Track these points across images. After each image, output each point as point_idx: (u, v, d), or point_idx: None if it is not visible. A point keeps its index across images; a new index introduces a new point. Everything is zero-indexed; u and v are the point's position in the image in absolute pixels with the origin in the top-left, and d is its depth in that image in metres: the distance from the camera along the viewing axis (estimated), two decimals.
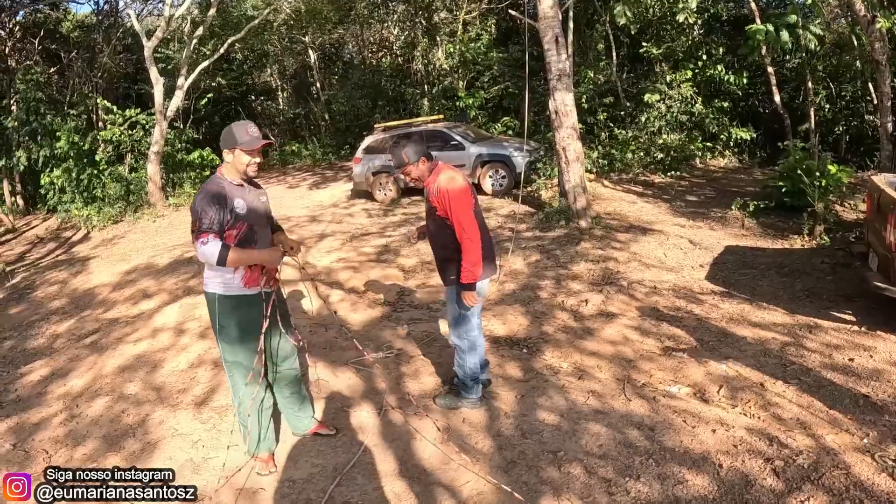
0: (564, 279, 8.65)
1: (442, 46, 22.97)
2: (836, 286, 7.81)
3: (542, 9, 10.98)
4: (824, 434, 4.63)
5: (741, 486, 4.07)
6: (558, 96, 11.22)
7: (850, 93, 17.35)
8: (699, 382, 5.55)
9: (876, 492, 3.96)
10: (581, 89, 18.45)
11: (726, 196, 13.06)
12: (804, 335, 6.42)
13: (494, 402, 5.29)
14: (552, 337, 6.75)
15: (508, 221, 11.93)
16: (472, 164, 14.54)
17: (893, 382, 5.40)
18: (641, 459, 4.40)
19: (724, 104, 18.02)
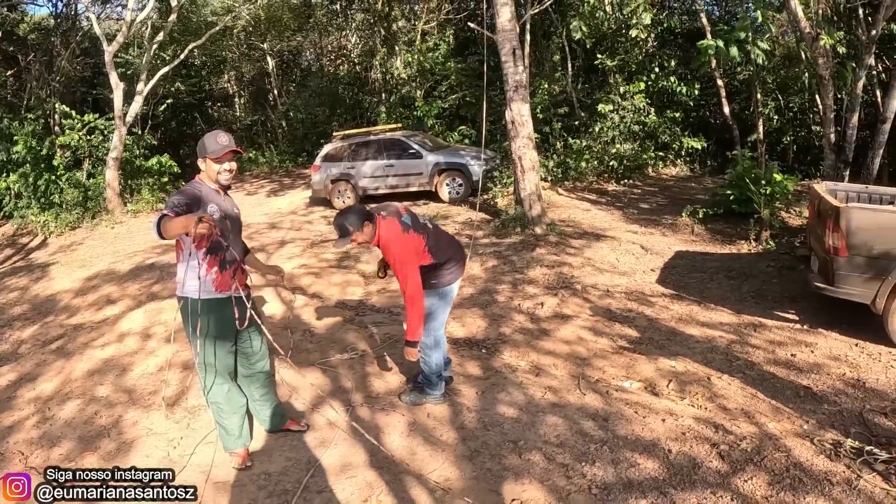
0: (521, 283, 9.04)
1: (400, 55, 23.28)
2: (780, 288, 8.38)
3: (500, 22, 11.40)
4: (767, 422, 5.07)
5: (689, 468, 4.46)
6: (514, 107, 11.64)
7: (798, 104, 18.14)
8: (650, 377, 5.98)
9: (814, 471, 4.39)
10: (537, 100, 18.98)
11: (677, 203, 13.66)
12: (749, 333, 6.94)
13: (457, 398, 5.60)
14: (510, 338, 7.12)
15: (466, 228, 12.29)
16: (429, 172, 14.91)
17: (832, 375, 5.92)
18: (596, 446, 4.77)
19: (676, 114, 18.74)
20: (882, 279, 6.46)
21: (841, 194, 8.12)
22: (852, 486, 4.23)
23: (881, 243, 6.43)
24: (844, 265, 6.59)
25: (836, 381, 5.83)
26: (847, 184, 10.17)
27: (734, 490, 4.21)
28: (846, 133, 12.05)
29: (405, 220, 5.04)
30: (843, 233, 6.51)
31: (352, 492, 4.40)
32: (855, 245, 6.50)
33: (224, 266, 4.41)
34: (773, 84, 18.18)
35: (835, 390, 5.64)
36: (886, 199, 8.12)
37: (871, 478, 4.31)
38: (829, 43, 11.59)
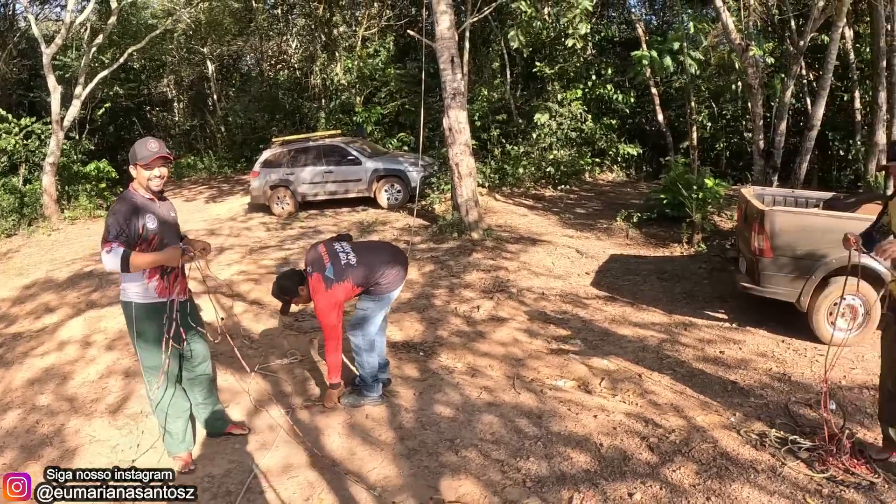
0: (457, 287, 9.19)
1: (340, 61, 23.29)
2: (711, 288, 8.72)
3: (439, 30, 11.56)
4: (695, 415, 5.31)
5: (620, 460, 4.64)
6: (452, 114, 11.80)
7: (731, 112, 18.78)
8: (583, 376, 6.18)
9: (740, 460, 4.62)
10: (475, 106, 19.29)
11: (613, 208, 14.00)
12: (680, 332, 7.23)
13: (395, 400, 5.69)
14: (447, 340, 7.26)
15: (404, 234, 12.40)
16: (368, 178, 15.02)
17: (759, 370, 6.23)
18: (531, 443, 4.91)
19: (612, 121, 19.28)
20: (806, 278, 6.80)
21: (768, 198, 8.49)
22: (777, 473, 4.45)
23: (804, 244, 6.79)
24: (769, 266, 6.93)
25: (763, 375, 6.12)
26: (774, 188, 10.63)
27: (663, 479, 4.40)
28: (775, 139, 12.57)
29: (328, 274, 5.20)
30: (767, 235, 6.85)
31: (294, 491, 4.45)
32: (779, 246, 6.85)
33: (165, 272, 4.44)
34: (707, 92, 18.77)
35: (761, 384, 5.93)
36: (812, 203, 8.51)
37: (795, 465, 4.55)
38: (757, 54, 12.06)
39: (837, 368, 6.33)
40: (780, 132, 12.56)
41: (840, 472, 4.45)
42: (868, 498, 4.20)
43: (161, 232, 4.41)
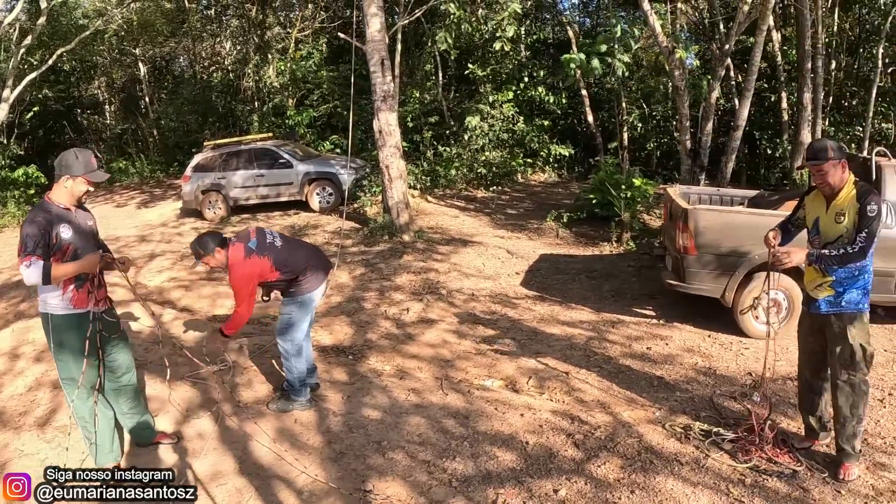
0: (388, 290, 9.17)
1: (273, 64, 23.06)
2: (639, 286, 8.90)
3: (370, 32, 11.55)
4: (621, 411, 5.40)
5: (545, 457, 4.69)
6: (382, 116, 11.80)
7: (661, 113, 19.21)
8: (511, 375, 6.23)
9: (665, 454, 4.72)
10: (408, 108, 19.31)
11: (544, 208, 14.17)
12: (608, 330, 7.35)
13: (323, 404, 5.65)
14: (376, 343, 7.25)
15: (335, 237, 12.32)
16: (299, 181, 14.91)
17: (685, 365, 6.38)
18: (457, 443, 4.93)
19: (544, 122, 19.56)
20: (730, 274, 7.00)
21: (694, 197, 8.69)
22: (700, 465, 4.56)
23: (728, 241, 7.00)
24: (694, 263, 7.11)
25: (689, 370, 6.28)
26: (700, 187, 10.88)
27: (588, 475, 4.46)
28: (701, 139, 12.89)
29: (251, 244, 5.21)
30: (691, 233, 7.04)
31: (223, 498, 4.39)
32: (703, 244, 7.04)
33: (81, 282, 4.34)
34: (638, 93, 19.14)
35: (687, 378, 6.07)
36: (737, 201, 8.74)
37: (719, 456, 4.67)
38: (683, 56, 12.35)
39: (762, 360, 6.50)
40: (707, 132, 12.90)
41: (763, 462, 4.59)
42: (790, 485, 4.34)
43: (76, 241, 4.30)
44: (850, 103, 18.53)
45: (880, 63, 15.83)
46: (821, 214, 4.43)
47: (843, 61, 18.83)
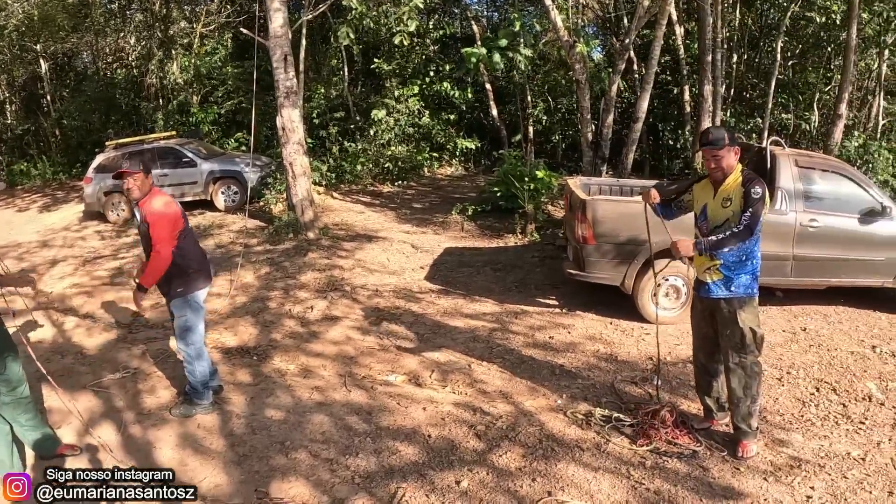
0: (292, 289, 9.05)
1: (177, 60, 22.44)
2: (543, 276, 9.05)
3: (272, 28, 11.35)
4: (523, 401, 5.47)
5: (447, 450, 4.71)
6: (285, 113, 11.65)
7: (566, 106, 19.52)
8: (414, 370, 6.23)
9: (566, 441, 4.81)
10: (314, 104, 19.12)
11: (450, 202, 14.24)
12: (511, 321, 7.44)
13: (227, 406, 5.55)
14: (280, 343, 7.14)
15: (240, 237, 12.08)
16: (203, 180, 14.54)
17: (587, 352, 6.52)
18: (360, 439, 4.91)
19: (450, 116, 19.69)
20: (629, 262, 7.17)
21: (594, 188, 8.85)
22: (601, 450, 4.67)
23: (625, 230, 7.17)
24: (593, 252, 7.26)
25: (591, 357, 6.41)
26: (602, 177, 11.10)
27: (490, 465, 4.50)
28: (602, 131, 13.15)
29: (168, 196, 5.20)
30: (589, 223, 7.17)
31: None
32: (601, 233, 7.19)
33: None
34: (543, 87, 19.40)
35: (589, 366, 6.20)
36: (637, 191, 8.94)
37: (619, 441, 4.79)
38: (583, 51, 12.57)
39: (663, 345, 6.71)
40: (608, 124, 13.17)
41: (663, 444, 4.71)
42: (690, 465, 4.48)
43: None
44: (751, 95, 19.23)
45: (779, 56, 16.48)
46: (708, 201, 4.61)
47: (744, 55, 19.53)
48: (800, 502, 4.13)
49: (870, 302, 8.12)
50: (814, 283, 7.66)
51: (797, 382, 5.87)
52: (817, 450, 4.74)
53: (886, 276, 7.70)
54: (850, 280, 7.67)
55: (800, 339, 6.95)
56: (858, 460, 4.61)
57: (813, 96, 17.53)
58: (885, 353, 6.67)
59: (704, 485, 4.28)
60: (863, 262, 7.52)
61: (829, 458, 4.63)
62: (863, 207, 7.48)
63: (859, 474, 4.44)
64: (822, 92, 17.87)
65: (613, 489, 4.24)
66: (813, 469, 4.48)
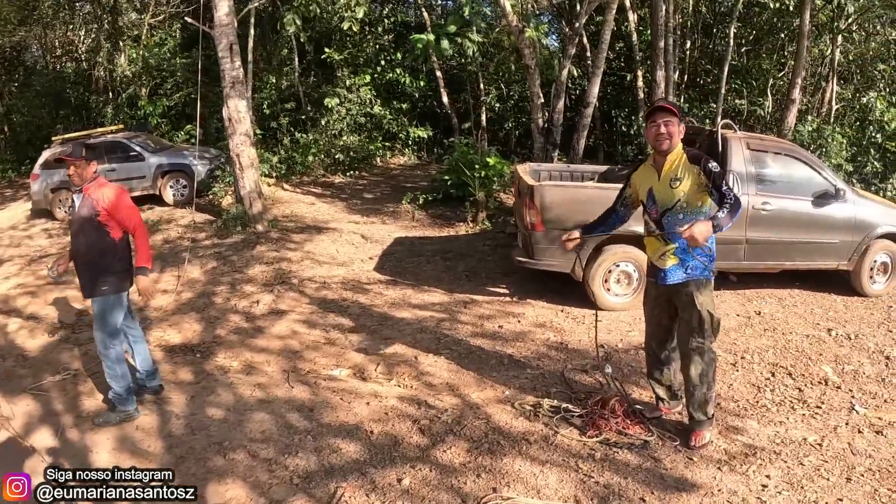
0: (239, 283, 8.84)
1: (125, 51, 21.93)
2: (494, 265, 8.93)
3: (218, 16, 11.06)
4: (470, 393, 5.32)
5: (390, 446, 4.54)
6: (231, 103, 11.38)
7: (519, 92, 19.43)
8: (359, 363, 6.07)
9: (513, 433, 4.66)
10: (264, 95, 18.81)
11: (402, 192, 14.04)
12: (460, 310, 7.32)
13: (166, 406, 5.35)
14: (224, 339, 6.96)
15: (189, 231, 11.80)
16: (152, 174, 14.15)
17: (537, 341, 6.40)
18: (300, 437, 4.73)
19: (403, 105, 19.47)
20: (578, 249, 7.01)
21: (545, 174, 8.73)
22: (549, 443, 4.53)
23: (574, 216, 7.00)
24: (542, 239, 7.15)
25: (541, 346, 6.30)
26: (552, 164, 11.01)
27: (433, 461, 4.34)
28: (553, 117, 13.07)
29: None
30: (538, 209, 7.05)
31: None
32: (550, 219, 7.07)
33: None
34: (496, 74, 19.30)
35: (538, 355, 6.08)
36: (588, 176, 8.86)
37: (568, 432, 4.65)
38: (532, 36, 12.46)
39: (615, 332, 6.66)
40: (558, 110, 13.09)
41: (613, 435, 4.59)
42: (641, 456, 4.37)
43: None
44: (705, 81, 19.34)
45: (732, 42, 16.56)
46: (653, 184, 4.44)
47: (698, 41, 19.65)
48: (755, 492, 4.03)
49: (825, 285, 8.18)
50: (767, 267, 7.65)
51: (752, 367, 5.84)
52: (773, 436, 4.67)
53: (841, 258, 7.74)
54: (804, 263, 7.69)
55: (754, 323, 6.94)
56: (815, 446, 4.56)
57: (766, 82, 17.70)
58: (841, 336, 6.69)
59: (656, 476, 4.16)
60: (817, 245, 7.56)
61: (785, 444, 4.57)
62: (816, 190, 7.51)
63: (816, 460, 4.38)
64: (776, 78, 18.06)
65: (561, 483, 4.10)
66: (768, 456, 4.40)
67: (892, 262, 8.03)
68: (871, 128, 12.81)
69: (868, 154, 12.51)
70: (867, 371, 5.91)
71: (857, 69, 17.65)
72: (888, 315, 7.49)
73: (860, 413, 5.10)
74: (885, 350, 6.39)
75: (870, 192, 10.17)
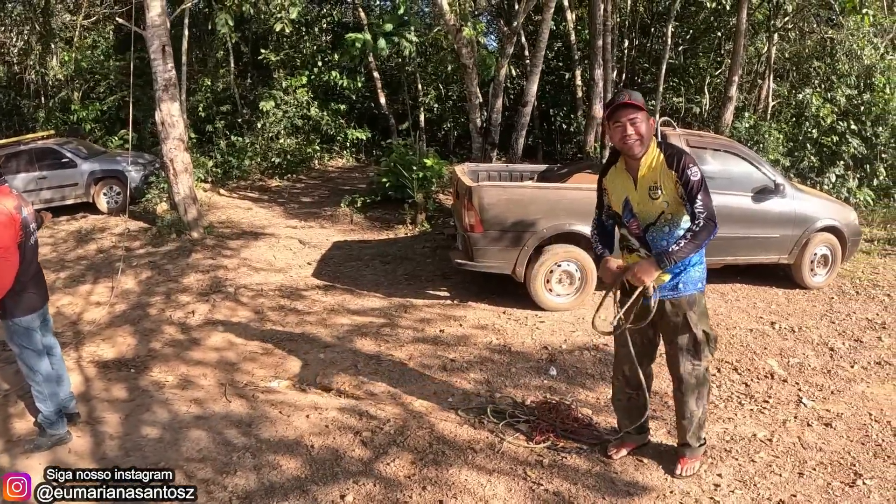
0: (174, 293, 8.52)
1: (57, 54, 21.23)
2: (434, 267, 8.81)
3: (149, 17, 10.69)
4: (413, 401, 5.17)
5: (332, 461, 4.35)
6: (164, 107, 11.03)
7: (458, 93, 19.37)
8: (298, 374, 5.87)
9: (458, 442, 4.51)
10: (199, 97, 18.40)
11: (340, 194, 13.83)
12: (399, 315, 7.15)
13: (100, 427, 5.05)
14: (160, 352, 6.66)
15: (123, 240, 11.39)
16: (85, 181, 13.63)
17: (479, 345, 6.27)
18: (239, 455, 4.50)
19: (341, 107, 19.26)
20: (519, 249, 6.97)
21: (483, 174, 8.64)
22: (496, 450, 4.40)
23: (514, 216, 7.02)
24: (481, 240, 7.06)
25: (483, 349, 6.17)
26: (491, 164, 10.94)
27: (377, 475, 4.17)
28: (491, 117, 13.02)
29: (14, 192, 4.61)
30: (476, 210, 6.95)
31: None
32: (489, 220, 6.99)
33: None
34: (434, 74, 19.22)
35: (481, 359, 5.95)
36: (527, 176, 8.82)
37: (514, 438, 4.53)
38: (470, 35, 12.38)
39: (558, 333, 6.58)
40: (497, 110, 13.07)
41: (561, 440, 4.49)
42: (591, 460, 4.27)
43: None
44: (643, 80, 19.65)
45: (670, 41, 16.75)
46: (629, 193, 3.87)
47: (636, 40, 19.87)
48: (708, 492, 3.97)
49: (767, 279, 8.27)
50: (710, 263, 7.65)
51: None
52: (722, 433, 4.64)
53: (782, 252, 7.83)
54: (746, 258, 7.77)
55: None
56: (765, 441, 4.54)
57: (704, 80, 18.07)
58: (785, 329, 6.74)
59: (606, 481, 4.07)
60: (758, 240, 7.64)
61: (735, 441, 4.53)
62: (756, 185, 7.59)
63: (767, 456, 4.35)
64: (713, 76, 18.44)
65: (510, 493, 3.97)
66: (719, 454, 4.35)
67: (832, 255, 8.15)
68: (806, 123, 13.16)
69: (804, 149, 12.85)
70: (812, 363, 5.95)
71: (794, 67, 18.15)
72: (830, 307, 7.59)
73: (808, 406, 5.12)
74: (829, 341, 6.46)
75: (807, 186, 10.34)
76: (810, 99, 13.26)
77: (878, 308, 7.58)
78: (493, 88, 13.51)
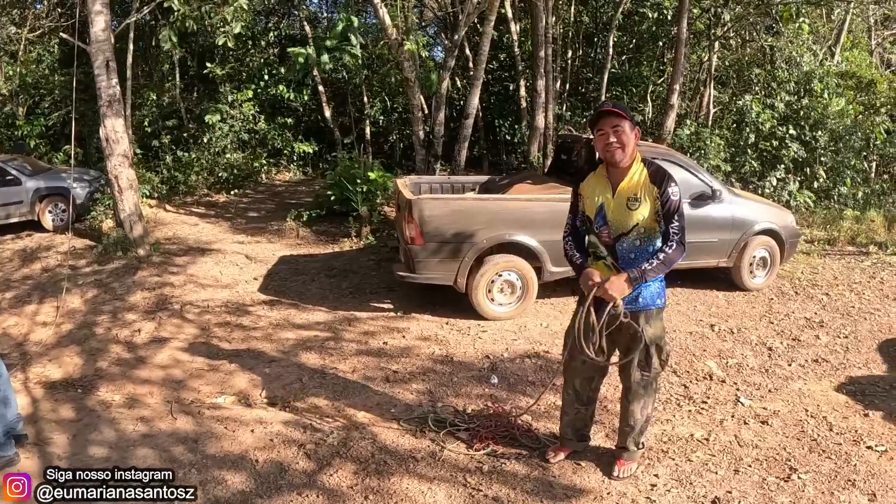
0: (120, 311, 8.46)
1: (2, 68, 20.77)
2: (379, 280, 8.89)
3: (93, 32, 10.56)
4: (356, 412, 5.27)
5: (276, 474, 4.42)
6: (108, 123, 10.90)
7: (402, 105, 19.47)
8: (244, 389, 5.91)
9: (400, 451, 4.63)
10: (144, 112, 18.20)
11: (286, 209, 13.77)
12: (344, 328, 7.24)
13: (48, 448, 5.00)
14: (106, 372, 6.64)
15: (69, 258, 11.25)
16: (29, 199, 13.35)
17: (422, 356, 6.40)
18: (185, 471, 4.52)
19: (287, 120, 19.26)
20: (459, 260, 7.10)
21: (425, 186, 8.77)
22: (437, 458, 4.52)
23: (454, 228, 7.16)
24: (421, 252, 7.18)
25: (426, 360, 6.30)
26: (433, 176, 11.08)
27: (320, 486, 4.26)
28: (434, 129, 13.16)
29: None
30: (416, 223, 7.07)
31: None
32: (429, 232, 7.12)
33: None
34: (380, 87, 19.29)
35: (424, 369, 6.08)
36: (469, 187, 8.95)
37: (455, 446, 4.66)
38: (412, 48, 12.51)
39: (500, 342, 6.72)
40: (439, 122, 13.22)
41: (500, 446, 4.61)
42: (530, 465, 4.41)
43: None
44: (586, 89, 19.94)
45: (612, 51, 17.10)
46: (605, 200, 3.87)
47: (579, 51, 20.16)
48: (644, 492, 4.12)
49: (707, 281, 8.52)
50: None
51: None
52: (660, 435, 4.79)
53: (721, 255, 8.11)
54: (686, 262, 7.95)
55: None
56: (702, 441, 4.71)
57: (647, 88, 18.40)
58: (724, 331, 6.98)
59: (545, 485, 4.21)
60: (697, 245, 7.80)
61: (673, 441, 4.70)
62: (693, 192, 7.79)
63: (703, 455, 4.52)
64: (656, 84, 18.79)
65: (450, 499, 4.09)
66: (656, 455, 4.51)
67: (770, 257, 8.45)
68: (747, 129, 13.54)
69: (745, 154, 13.24)
70: (751, 363, 6.20)
71: (734, 74, 18.62)
72: (769, 307, 7.88)
73: (745, 405, 5.33)
74: (768, 341, 6.73)
75: (748, 190, 10.65)
76: (750, 105, 13.66)
77: (816, 307, 7.90)
78: (435, 101, 13.65)
